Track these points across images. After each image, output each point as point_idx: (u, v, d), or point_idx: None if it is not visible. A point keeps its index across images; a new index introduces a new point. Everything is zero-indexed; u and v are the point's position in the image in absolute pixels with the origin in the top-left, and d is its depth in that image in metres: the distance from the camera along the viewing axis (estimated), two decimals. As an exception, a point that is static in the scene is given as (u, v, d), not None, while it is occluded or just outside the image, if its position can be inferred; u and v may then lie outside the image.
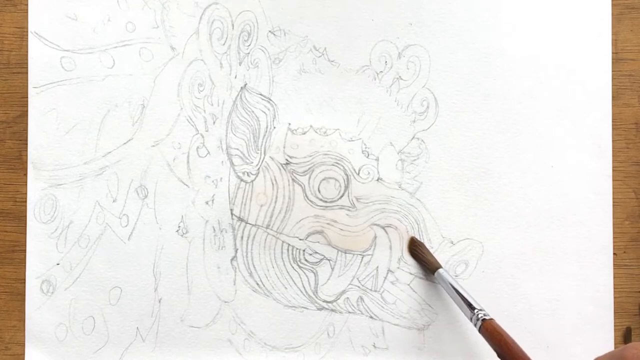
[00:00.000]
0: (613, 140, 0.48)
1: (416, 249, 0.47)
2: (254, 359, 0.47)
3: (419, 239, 0.47)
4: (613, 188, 0.47)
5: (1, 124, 0.48)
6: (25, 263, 0.47)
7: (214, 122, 0.48)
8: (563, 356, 0.47)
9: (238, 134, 0.48)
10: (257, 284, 0.47)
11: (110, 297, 0.47)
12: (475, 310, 0.41)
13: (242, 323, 0.47)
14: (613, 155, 0.48)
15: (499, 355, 0.38)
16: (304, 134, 0.48)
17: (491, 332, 0.39)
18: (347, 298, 0.47)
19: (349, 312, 0.47)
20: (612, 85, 0.48)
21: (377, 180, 0.47)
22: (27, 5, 0.48)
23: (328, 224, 0.47)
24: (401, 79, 0.48)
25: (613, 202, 0.47)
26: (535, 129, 0.48)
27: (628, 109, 0.48)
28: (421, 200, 0.47)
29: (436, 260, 0.46)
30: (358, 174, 0.47)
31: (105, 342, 0.47)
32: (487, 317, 0.40)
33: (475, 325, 0.41)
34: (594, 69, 0.48)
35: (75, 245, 0.47)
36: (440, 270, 0.45)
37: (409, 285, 0.47)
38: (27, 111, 0.48)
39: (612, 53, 0.48)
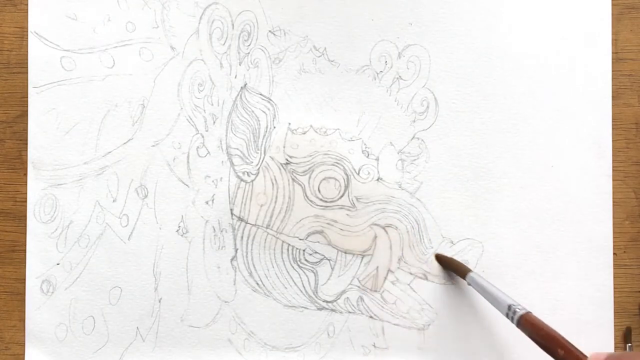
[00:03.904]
0: (613, 140, 0.48)
1: (443, 258, 0.47)
2: (254, 359, 0.47)
3: (440, 253, 0.48)
4: (613, 188, 0.47)
5: (1, 124, 0.48)
6: (25, 263, 0.47)
7: (214, 122, 0.48)
8: (563, 356, 0.47)
9: (238, 133, 0.48)
10: (257, 283, 0.47)
11: (110, 297, 0.47)
12: (513, 306, 0.40)
13: (242, 323, 0.47)
14: (613, 155, 0.48)
15: (541, 346, 0.38)
16: (304, 133, 0.48)
17: (529, 325, 0.39)
18: (347, 298, 0.47)
19: (349, 312, 0.47)
20: (612, 85, 0.48)
21: (377, 180, 0.48)
22: (27, 5, 0.48)
23: (328, 223, 0.47)
24: (401, 78, 0.48)
25: (613, 202, 0.47)
26: (535, 129, 0.48)
27: (628, 109, 0.48)
28: (421, 200, 0.47)
29: (465, 266, 0.46)
30: (358, 173, 0.47)
31: (105, 342, 0.47)
32: (524, 311, 0.40)
33: (512, 321, 0.40)
34: (594, 69, 0.48)
35: (75, 245, 0.47)
36: (471, 273, 0.45)
37: (409, 285, 0.47)
38: (27, 111, 0.48)
39: (612, 53, 0.48)
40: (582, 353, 0.35)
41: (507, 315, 0.41)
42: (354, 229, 0.47)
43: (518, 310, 0.40)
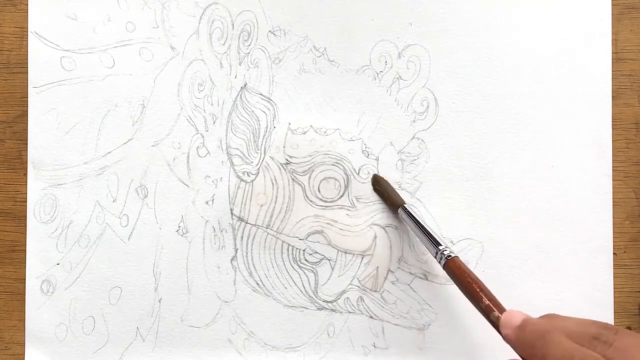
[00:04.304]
0: (613, 140, 0.48)
1: (378, 184, 0.47)
2: (254, 359, 0.47)
3: (381, 175, 0.47)
4: (613, 188, 0.47)
5: (1, 124, 0.48)
6: (25, 263, 0.47)
7: (214, 122, 0.48)
8: (563, 356, 0.47)
9: (238, 133, 0.48)
10: (257, 284, 0.47)
11: (110, 297, 0.47)
12: (441, 247, 0.41)
13: (242, 323, 0.47)
14: (613, 155, 0.48)
15: (464, 294, 0.38)
16: (304, 133, 0.48)
17: (455, 269, 0.39)
18: (347, 298, 0.47)
19: (349, 312, 0.47)
20: (612, 85, 0.48)
21: (377, 180, 0.47)
22: (27, 5, 0.48)
23: (328, 223, 0.47)
24: (401, 78, 0.48)
25: (613, 202, 0.47)
26: (535, 129, 0.48)
27: (628, 109, 0.48)
28: (421, 200, 0.47)
29: (399, 197, 0.46)
30: (358, 173, 0.47)
31: (105, 342, 0.47)
32: (452, 255, 0.40)
33: (439, 262, 0.40)
34: (594, 69, 0.48)
35: (75, 245, 0.47)
36: (405, 205, 0.44)
37: (409, 285, 0.47)
38: (27, 111, 0.48)
39: (612, 53, 0.48)
40: (503, 307, 0.36)
41: (435, 256, 0.41)
42: (354, 229, 0.47)
43: (446, 253, 0.40)
